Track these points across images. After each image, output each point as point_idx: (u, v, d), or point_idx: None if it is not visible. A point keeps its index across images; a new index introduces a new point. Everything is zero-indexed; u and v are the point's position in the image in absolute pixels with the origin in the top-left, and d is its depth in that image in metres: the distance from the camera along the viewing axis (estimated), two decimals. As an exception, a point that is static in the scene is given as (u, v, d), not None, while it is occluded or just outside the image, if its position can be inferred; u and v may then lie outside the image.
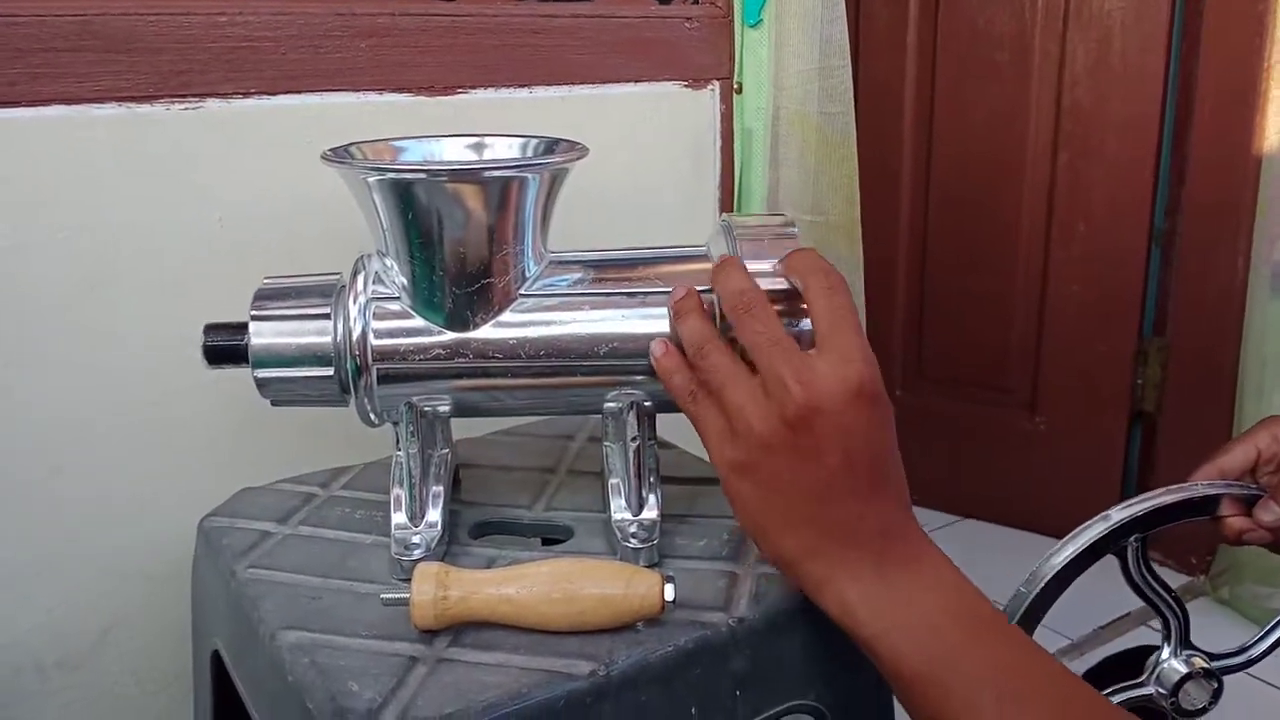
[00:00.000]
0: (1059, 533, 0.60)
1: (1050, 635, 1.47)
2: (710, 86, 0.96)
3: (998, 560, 1.05)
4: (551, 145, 0.62)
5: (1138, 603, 0.62)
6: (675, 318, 0.56)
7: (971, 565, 0.37)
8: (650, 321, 0.58)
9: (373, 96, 0.79)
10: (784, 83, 0.97)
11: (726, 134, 0.97)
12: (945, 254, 1.81)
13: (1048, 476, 1.75)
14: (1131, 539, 0.60)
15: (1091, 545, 0.59)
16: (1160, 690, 0.62)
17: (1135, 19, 1.56)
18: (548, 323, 0.58)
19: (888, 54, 1.75)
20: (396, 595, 0.51)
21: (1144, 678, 0.62)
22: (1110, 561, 0.60)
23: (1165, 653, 0.62)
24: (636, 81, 0.91)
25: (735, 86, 0.98)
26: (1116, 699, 0.63)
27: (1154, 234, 1.63)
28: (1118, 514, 0.60)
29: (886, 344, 1.86)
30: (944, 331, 1.85)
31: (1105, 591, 0.64)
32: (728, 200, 0.99)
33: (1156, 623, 0.63)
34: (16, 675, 0.75)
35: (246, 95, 0.74)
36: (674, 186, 0.97)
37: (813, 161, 0.99)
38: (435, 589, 0.50)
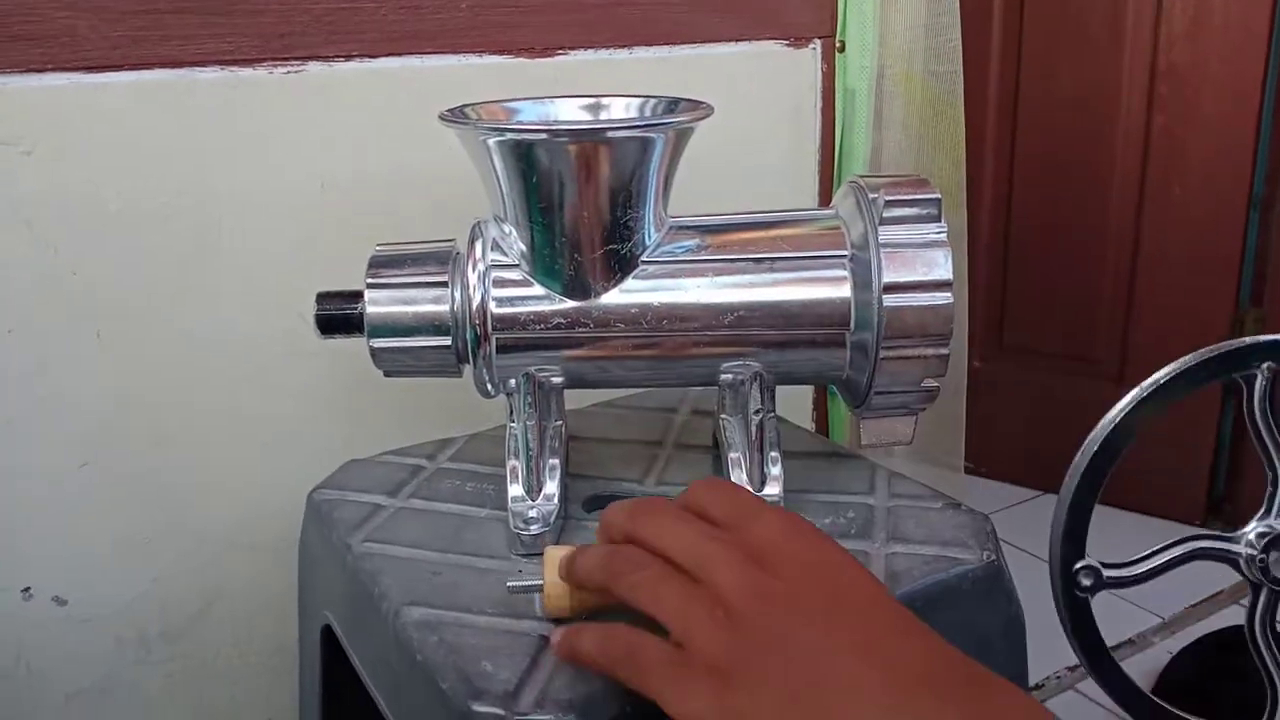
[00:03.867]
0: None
1: (1140, 614, 1.43)
2: (812, 45, 0.92)
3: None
4: (672, 105, 0.59)
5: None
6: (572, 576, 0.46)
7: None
8: (778, 288, 0.55)
9: (473, 59, 0.77)
10: (889, 41, 0.93)
11: (828, 94, 0.94)
12: (1030, 220, 1.76)
13: (1134, 450, 1.69)
14: (1264, 365, 0.55)
15: (1224, 354, 0.54)
16: (1251, 550, 0.55)
17: (1238, -26, 1.50)
18: (671, 290, 0.56)
19: (973, 17, 1.69)
20: (525, 583, 0.49)
21: (1235, 533, 0.56)
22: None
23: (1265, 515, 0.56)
24: (737, 41, 0.88)
25: (838, 45, 0.94)
26: (1198, 544, 0.56)
27: (1253, 200, 1.57)
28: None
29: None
30: (1028, 300, 1.79)
31: (1197, 569, 0.59)
32: (828, 162, 0.95)
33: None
34: (120, 646, 0.75)
35: (348, 58, 0.72)
36: (773, 148, 0.94)
37: (917, 123, 0.96)
38: (568, 575, 0.48)
